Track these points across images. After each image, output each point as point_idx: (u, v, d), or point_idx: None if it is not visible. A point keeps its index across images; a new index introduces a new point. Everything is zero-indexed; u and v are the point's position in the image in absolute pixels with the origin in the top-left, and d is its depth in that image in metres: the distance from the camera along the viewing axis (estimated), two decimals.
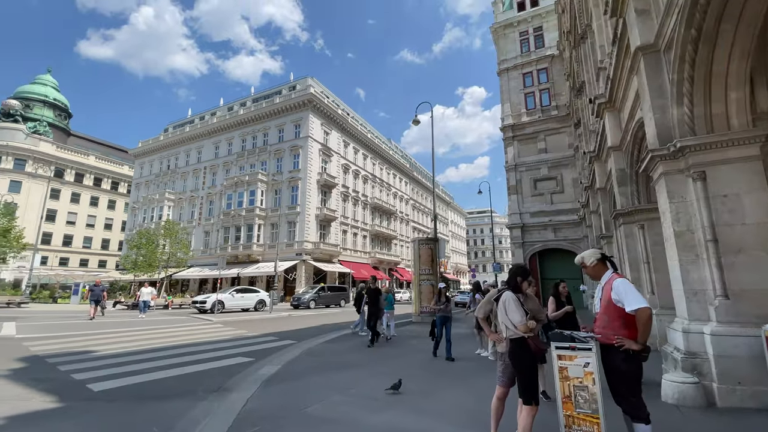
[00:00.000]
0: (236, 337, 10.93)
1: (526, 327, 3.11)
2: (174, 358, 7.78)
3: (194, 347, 9.07)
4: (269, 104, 41.96)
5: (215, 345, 9.41)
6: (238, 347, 9.15)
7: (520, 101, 29.92)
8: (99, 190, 63.28)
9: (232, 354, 8.25)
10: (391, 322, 11.17)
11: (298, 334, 11.82)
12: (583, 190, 19.50)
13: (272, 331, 12.46)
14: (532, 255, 27.24)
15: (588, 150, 13.67)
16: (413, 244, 17.31)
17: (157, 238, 31.60)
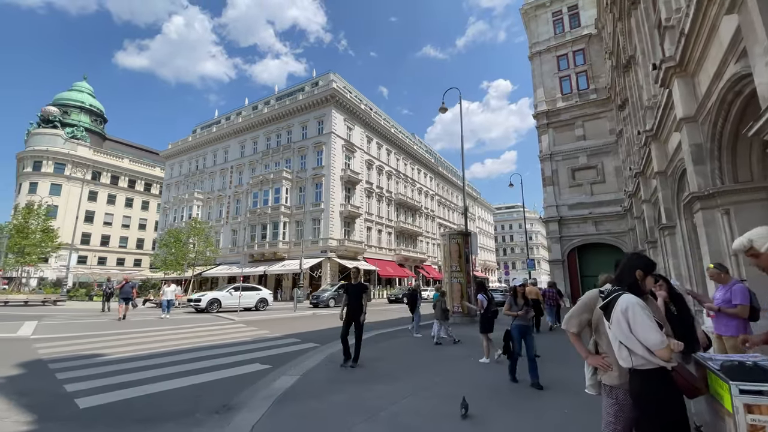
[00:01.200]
0: (256, 339, 10.18)
1: (668, 351, 1.93)
2: (185, 364, 7.05)
3: (210, 350, 8.35)
4: (292, 101, 41.66)
5: (232, 348, 8.66)
6: (256, 351, 8.35)
7: (555, 86, 27.98)
8: (133, 192, 65.43)
9: (248, 360, 7.43)
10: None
11: (322, 335, 10.95)
12: (632, 177, 17.64)
13: (295, 332, 11.67)
14: (571, 250, 25.38)
15: (643, 129, 12.02)
16: (443, 239, 16.13)
17: (185, 236, 31.84)
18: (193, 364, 7.07)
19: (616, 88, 22.65)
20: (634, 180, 17.80)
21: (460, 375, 6.22)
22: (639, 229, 18.62)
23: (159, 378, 6.03)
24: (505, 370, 6.20)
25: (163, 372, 6.42)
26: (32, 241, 27.49)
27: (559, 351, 8.31)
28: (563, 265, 25.03)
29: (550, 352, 8.11)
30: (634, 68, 15.83)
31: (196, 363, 7.12)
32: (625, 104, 19.81)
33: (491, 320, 7.53)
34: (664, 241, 12.99)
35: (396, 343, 9.49)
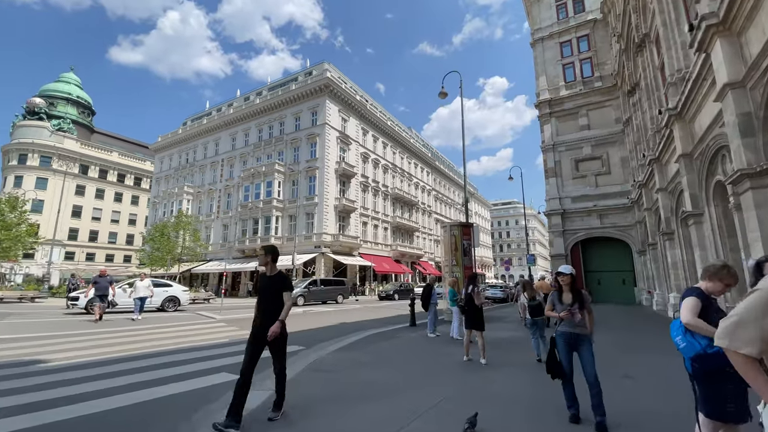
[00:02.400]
0: (233, 341, 8.99)
1: None
2: (141, 373, 5.88)
3: (173, 356, 7.16)
4: (285, 92, 40.24)
5: (202, 353, 7.46)
6: (228, 356, 7.17)
7: (558, 73, 26.87)
8: (123, 186, 63.68)
9: (215, 368, 6.26)
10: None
11: (310, 336, 9.78)
12: (644, 165, 16.54)
13: None
14: (575, 244, 24.38)
15: (665, 108, 10.90)
16: (443, 231, 14.97)
17: (170, 231, 30.43)
18: (150, 373, 5.88)
19: (623, 74, 21.58)
20: (646, 168, 16.74)
21: (481, 385, 5.09)
22: (650, 221, 17.60)
23: (104, 393, 4.85)
24: (540, 382, 5.09)
25: (111, 384, 5.24)
26: (9, 235, 26.03)
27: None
28: (566, 260, 24.02)
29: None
30: (649, 47, 14.73)
31: (155, 372, 5.93)
32: (635, 89, 18.75)
33: (478, 315, 6.54)
34: (687, 232, 11.95)
35: (395, 345, 8.33)
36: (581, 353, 3.76)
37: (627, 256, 23.43)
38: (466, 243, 13.77)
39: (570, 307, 3.79)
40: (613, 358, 6.81)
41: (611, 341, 8.63)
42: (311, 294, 22.89)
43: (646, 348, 8.02)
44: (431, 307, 9.47)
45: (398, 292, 30.89)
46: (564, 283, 3.94)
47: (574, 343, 3.79)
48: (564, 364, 3.74)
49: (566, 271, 4.00)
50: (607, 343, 8.33)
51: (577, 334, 3.77)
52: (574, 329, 3.78)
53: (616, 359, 6.80)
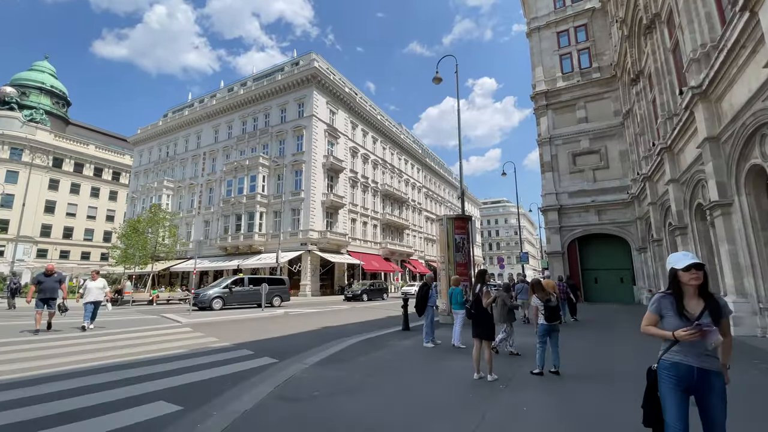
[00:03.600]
0: (193, 351, 7.54)
1: None
2: (56, 401, 4.42)
3: (112, 373, 5.72)
4: (271, 82, 38.50)
5: (147, 369, 6.01)
6: (179, 373, 5.74)
7: (555, 64, 25.87)
8: (100, 181, 60.95)
9: (156, 392, 4.83)
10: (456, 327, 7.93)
11: (285, 345, 8.39)
12: (653, 155, 15.51)
13: (251, 338, 9.06)
14: (572, 241, 23.42)
15: (689, 86, 9.79)
16: (438, 224, 13.71)
17: (144, 226, 28.48)
18: (69, 401, 4.44)
19: (624, 64, 20.65)
20: (652, 159, 15.75)
21: (509, 418, 3.81)
22: (654, 216, 16.63)
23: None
24: (582, 402, 3.84)
25: (10, 419, 3.80)
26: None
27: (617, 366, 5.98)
28: (563, 257, 23.06)
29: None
30: (660, 28, 13.67)
31: (73, 399, 4.49)
32: (639, 78, 17.78)
33: (489, 321, 5.36)
34: (703, 226, 10.92)
35: (386, 358, 6.98)
36: (706, 401, 2.24)
37: (625, 253, 22.56)
38: (459, 238, 12.53)
39: (698, 321, 2.24)
40: None
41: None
42: (233, 296, 18.22)
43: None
44: (428, 311, 8.14)
45: (368, 292, 27.05)
46: (693, 282, 2.31)
47: (697, 384, 2.25)
48: (673, 419, 2.21)
49: (689, 261, 2.34)
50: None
51: (704, 370, 2.24)
52: (700, 360, 2.25)
53: None
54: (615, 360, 6.74)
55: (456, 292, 7.74)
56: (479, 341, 5.30)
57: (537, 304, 5.78)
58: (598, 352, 7.53)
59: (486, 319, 5.28)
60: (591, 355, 7.23)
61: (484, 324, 5.26)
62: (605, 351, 7.59)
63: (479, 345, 5.29)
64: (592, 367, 6.14)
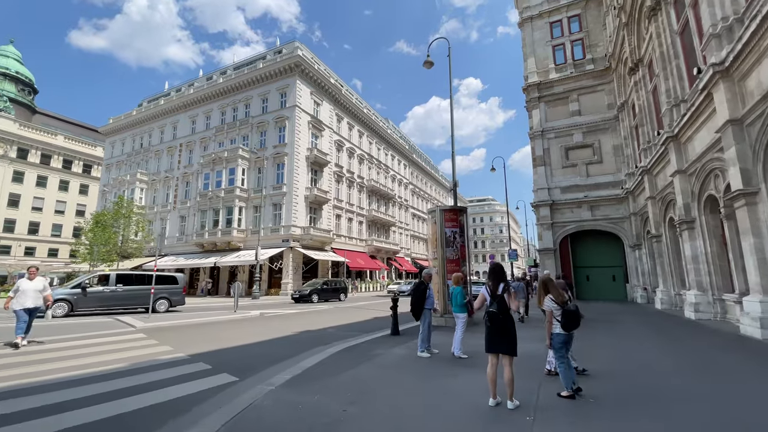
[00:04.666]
0: (135, 366, 6.12)
1: None
2: None
3: (9, 402, 4.29)
4: (252, 70, 36.64)
5: (64, 393, 4.62)
6: (100, 402, 4.37)
7: (547, 55, 25.05)
8: (69, 174, 57.62)
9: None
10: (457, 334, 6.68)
11: (252, 355, 7.08)
12: (655, 145, 14.70)
13: (212, 347, 7.69)
14: (564, 238, 22.67)
15: (711, 63, 8.85)
16: (429, 216, 12.55)
17: (108, 219, 26.38)
18: None
19: (621, 54, 19.91)
20: (653, 150, 14.96)
21: None
22: (654, 211, 15.88)
23: None
24: None
25: None
26: None
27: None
28: (555, 254, 22.28)
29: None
30: (666, 10, 12.81)
31: None
32: (638, 66, 17.00)
33: (512, 331, 4.16)
34: (713, 220, 10.09)
35: (373, 373, 5.74)
36: None
37: (618, 250, 21.95)
38: (450, 232, 11.39)
39: None
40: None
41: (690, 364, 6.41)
42: (87, 300, 13.87)
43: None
44: (425, 314, 6.88)
45: (320, 292, 22.62)
46: None
47: None
48: None
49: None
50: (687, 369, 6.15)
51: None
52: None
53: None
54: (653, 370, 5.67)
55: (456, 292, 6.57)
56: (496, 356, 4.11)
57: (551, 308, 4.64)
58: (626, 360, 6.48)
59: (510, 328, 4.10)
60: (620, 363, 6.16)
61: (507, 334, 4.07)
62: (633, 358, 6.55)
63: (496, 361, 4.11)
64: (627, 381, 5.05)
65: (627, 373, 5.56)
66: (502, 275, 4.36)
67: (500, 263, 4.69)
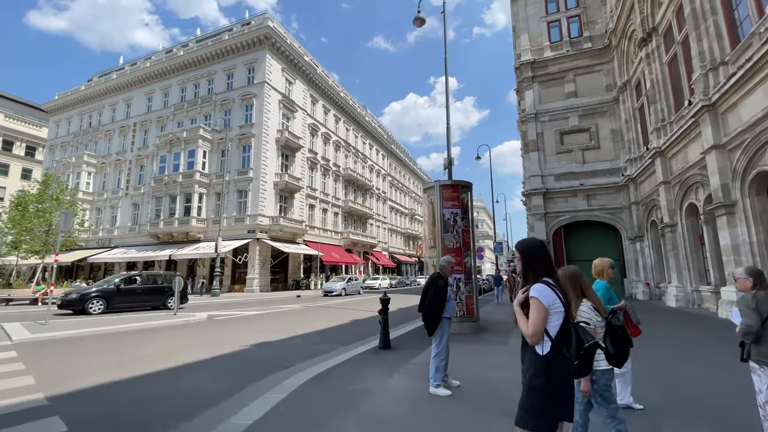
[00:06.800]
0: None
1: None
2: None
3: None
4: (216, 42, 32.95)
5: None
6: None
7: (542, 32, 23.14)
8: (10, 156, 51.44)
9: None
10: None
11: (157, 394, 4.44)
12: (681, 118, 12.85)
13: (99, 381, 4.90)
14: (557, 229, 20.94)
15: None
16: (424, 195, 10.12)
17: (30, 202, 22.32)
18: None
19: (625, 28, 18.17)
20: (674, 127, 13.16)
21: None
22: (668, 197, 14.16)
23: None
24: None
25: None
26: None
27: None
28: (548, 246, 20.46)
29: None
30: None
31: None
32: (651, 36, 15.19)
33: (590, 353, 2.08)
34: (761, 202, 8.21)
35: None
36: None
37: (614, 243, 20.47)
38: (449, 213, 9.05)
39: None
40: None
41: None
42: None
43: None
44: (443, 326, 4.37)
45: (112, 296, 13.08)
46: None
47: None
48: None
49: None
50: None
51: None
52: None
53: None
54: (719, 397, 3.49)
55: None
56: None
57: (590, 320, 2.45)
58: (690, 383, 4.30)
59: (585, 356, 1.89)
60: (684, 389, 3.95)
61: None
62: (695, 379, 4.38)
63: None
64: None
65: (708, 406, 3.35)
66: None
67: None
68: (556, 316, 1.97)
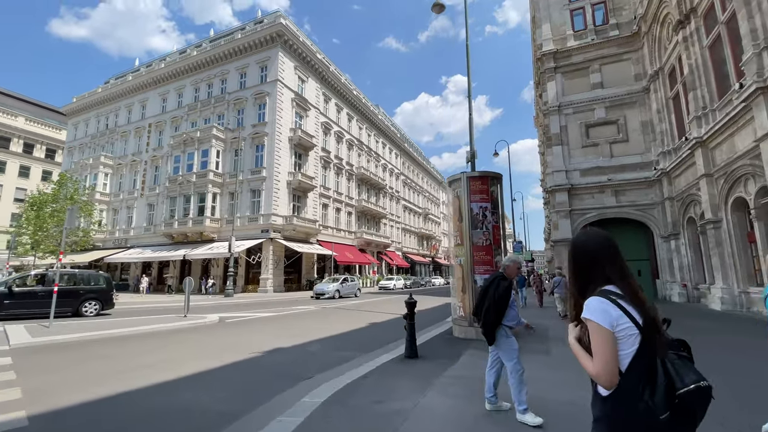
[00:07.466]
0: None
1: None
2: None
3: None
4: (228, 42, 32.77)
5: None
6: None
7: (565, 20, 22.07)
8: (31, 159, 52.59)
9: None
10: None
11: (156, 413, 3.80)
12: (736, 100, 11.79)
13: (94, 396, 4.28)
14: (583, 227, 19.83)
15: None
16: (448, 189, 9.33)
17: (44, 201, 22.37)
18: None
19: (657, 13, 17.04)
20: (727, 110, 12.10)
21: None
22: (710, 191, 13.07)
23: None
24: None
25: None
26: None
27: None
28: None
29: None
30: None
31: None
32: (690, 17, 14.11)
33: None
34: None
35: None
36: None
37: (645, 241, 19.33)
38: (477, 207, 8.28)
39: None
40: None
41: None
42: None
43: None
44: (502, 334, 3.60)
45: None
46: None
47: None
48: None
49: None
50: None
51: None
52: None
53: None
54: None
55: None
56: None
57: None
58: None
59: None
60: None
61: None
62: None
63: None
64: None
65: None
66: None
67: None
68: (625, 342, 1.32)
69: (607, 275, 1.44)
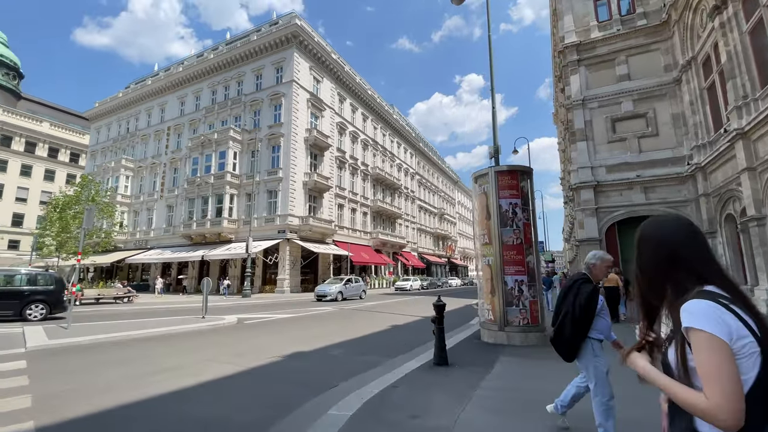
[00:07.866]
0: None
1: None
2: None
3: None
4: (245, 44, 32.95)
5: None
6: None
7: (588, 11, 21.24)
8: (55, 163, 54.36)
9: None
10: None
11: (150, 426, 3.50)
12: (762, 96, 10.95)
13: (100, 407, 4.00)
14: (611, 225, 19.03)
15: None
16: (474, 186, 8.85)
17: (67, 203, 22.81)
18: None
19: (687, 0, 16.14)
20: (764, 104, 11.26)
21: None
22: (754, 186, 12.20)
23: None
24: None
25: None
26: None
27: None
28: (600, 245, 18.63)
29: None
30: None
31: None
32: (726, 2, 13.25)
33: None
34: None
35: None
36: None
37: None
38: (506, 204, 7.81)
39: None
40: None
41: None
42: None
43: None
44: (588, 347, 2.97)
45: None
46: None
47: None
48: None
49: None
50: None
51: None
52: None
53: None
54: None
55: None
56: None
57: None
58: None
59: None
60: None
61: None
62: None
63: None
64: None
65: None
66: None
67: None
68: (745, 363, 0.94)
69: (699, 272, 1.07)
